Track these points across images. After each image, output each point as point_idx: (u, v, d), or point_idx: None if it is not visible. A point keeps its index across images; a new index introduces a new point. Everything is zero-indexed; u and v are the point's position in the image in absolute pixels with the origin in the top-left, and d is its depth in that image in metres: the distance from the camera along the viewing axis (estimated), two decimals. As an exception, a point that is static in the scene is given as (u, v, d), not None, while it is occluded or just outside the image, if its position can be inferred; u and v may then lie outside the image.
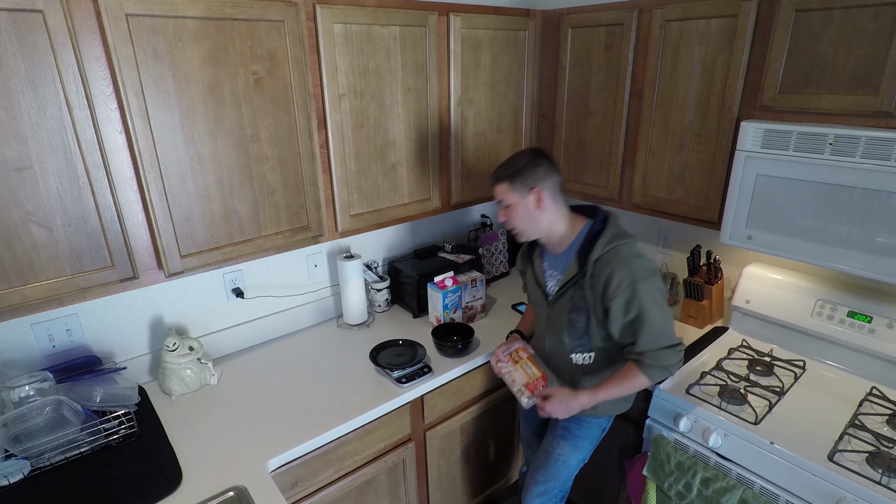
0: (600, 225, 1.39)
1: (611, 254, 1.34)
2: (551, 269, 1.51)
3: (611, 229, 1.38)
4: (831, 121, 1.40)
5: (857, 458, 1.34)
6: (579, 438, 1.58)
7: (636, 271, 1.31)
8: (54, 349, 1.50)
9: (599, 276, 1.34)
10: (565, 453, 1.60)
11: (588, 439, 1.59)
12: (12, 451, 1.26)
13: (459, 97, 1.85)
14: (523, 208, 1.39)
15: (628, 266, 1.31)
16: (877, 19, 1.26)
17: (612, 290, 1.32)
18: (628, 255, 1.34)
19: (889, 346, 1.58)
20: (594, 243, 1.36)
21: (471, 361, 1.81)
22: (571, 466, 1.62)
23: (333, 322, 2.09)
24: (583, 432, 1.58)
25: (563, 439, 1.60)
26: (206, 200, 1.37)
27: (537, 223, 1.41)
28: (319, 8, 1.43)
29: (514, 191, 1.38)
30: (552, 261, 1.50)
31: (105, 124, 1.19)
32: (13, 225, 1.12)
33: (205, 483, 1.28)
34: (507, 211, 1.42)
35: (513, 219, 1.42)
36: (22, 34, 1.04)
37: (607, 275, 1.33)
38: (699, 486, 1.52)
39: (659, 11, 1.65)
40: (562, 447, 1.61)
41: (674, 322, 1.38)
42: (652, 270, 1.34)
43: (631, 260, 1.33)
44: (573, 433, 1.59)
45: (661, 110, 1.74)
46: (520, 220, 1.41)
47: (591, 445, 1.62)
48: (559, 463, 1.62)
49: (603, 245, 1.35)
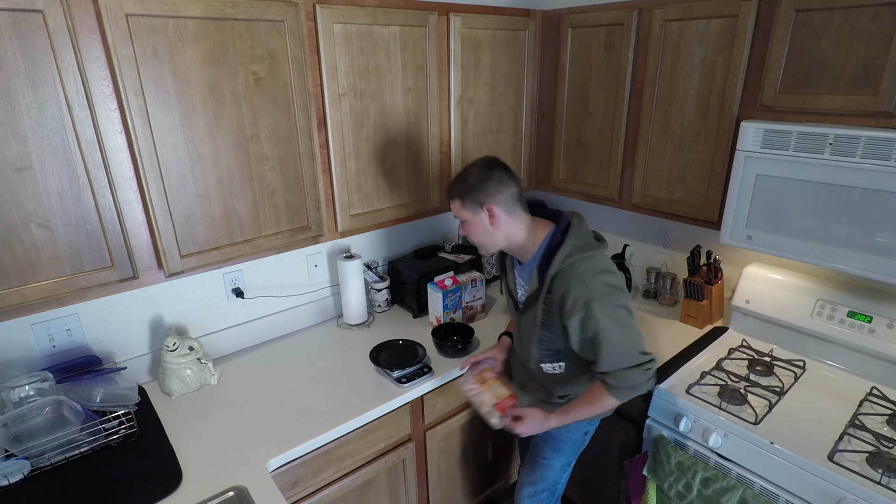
0: (559, 237, 1.32)
1: (568, 270, 1.27)
2: (520, 279, 1.47)
3: (570, 241, 1.30)
4: (831, 121, 1.40)
5: (857, 458, 1.34)
6: (560, 442, 1.59)
7: (592, 289, 1.23)
8: (54, 349, 1.50)
9: (556, 293, 1.29)
10: (548, 457, 1.61)
11: (569, 442, 1.59)
12: (12, 451, 1.26)
13: (459, 97, 1.85)
14: (478, 224, 1.35)
15: (584, 284, 1.24)
16: (877, 19, 1.26)
17: (567, 310, 1.27)
18: (586, 271, 1.25)
19: (889, 346, 1.58)
20: (552, 257, 1.30)
21: (471, 361, 1.81)
22: (556, 469, 1.63)
23: (333, 322, 2.09)
24: (563, 436, 1.58)
25: (544, 443, 1.62)
26: (206, 200, 1.37)
27: (493, 238, 1.37)
28: (319, 8, 1.43)
29: (466, 208, 1.34)
30: (521, 270, 1.46)
31: (105, 124, 1.19)
32: (13, 225, 1.12)
33: (205, 483, 1.28)
34: (464, 226, 1.39)
35: (470, 234, 1.39)
36: (22, 34, 1.04)
37: (562, 292, 1.27)
38: (699, 486, 1.52)
39: (659, 11, 1.65)
40: (544, 451, 1.62)
41: (641, 339, 1.29)
42: (612, 287, 1.26)
43: (587, 277, 1.24)
44: (553, 437, 1.59)
45: (661, 110, 1.74)
46: (477, 236, 1.38)
47: (575, 448, 1.61)
48: (543, 466, 1.63)
49: (560, 261, 1.28)
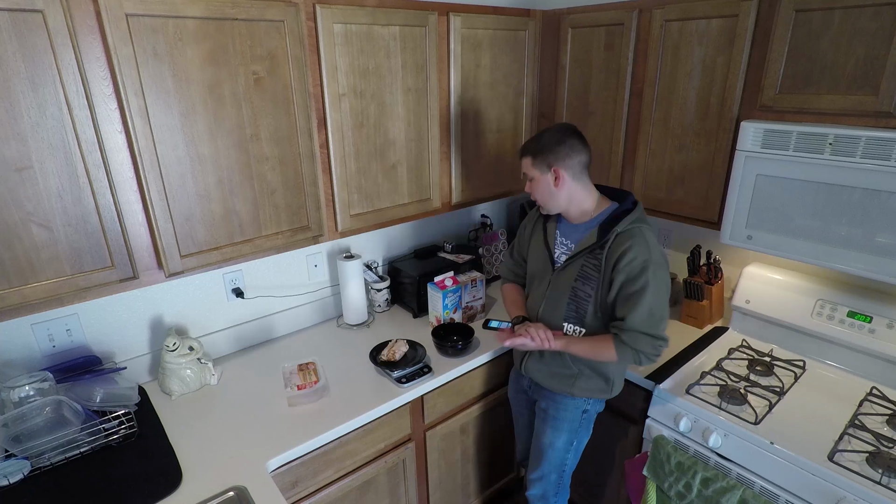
0: (629, 206, 1.45)
1: (635, 230, 1.39)
2: (563, 238, 1.54)
3: (639, 212, 1.43)
4: (831, 121, 1.40)
5: (857, 458, 1.34)
6: (558, 420, 1.60)
7: (653, 253, 1.37)
8: (54, 349, 1.50)
9: (617, 247, 1.38)
10: (548, 436, 1.63)
11: (567, 420, 1.60)
12: (12, 451, 1.26)
13: (459, 97, 1.85)
14: (544, 184, 1.46)
15: (647, 246, 1.37)
16: (877, 19, 1.26)
17: (623, 262, 1.37)
18: (650, 237, 1.40)
19: (889, 346, 1.58)
20: (620, 219, 1.41)
21: (471, 361, 1.81)
22: (559, 449, 1.63)
23: (333, 322, 2.09)
24: (560, 413, 1.60)
25: (543, 422, 1.64)
26: (206, 200, 1.37)
27: (556, 199, 1.47)
28: (319, 8, 1.43)
29: (535, 167, 1.45)
30: (567, 229, 1.54)
31: (105, 124, 1.19)
32: (13, 225, 1.12)
33: (205, 483, 1.28)
34: (531, 184, 1.49)
35: (535, 192, 1.49)
36: (22, 34, 1.04)
37: (625, 247, 1.37)
38: (699, 486, 1.52)
39: (659, 11, 1.65)
40: (545, 432, 1.64)
41: (667, 321, 1.40)
42: (666, 262, 1.42)
43: (652, 244, 1.38)
44: (551, 415, 1.61)
45: (661, 110, 1.74)
46: (539, 194, 1.48)
47: (573, 427, 1.61)
48: (546, 447, 1.64)
49: (630, 221, 1.40)
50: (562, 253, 1.54)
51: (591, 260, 1.44)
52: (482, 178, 2.04)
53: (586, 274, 1.45)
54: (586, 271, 1.45)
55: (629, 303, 1.37)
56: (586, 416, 1.61)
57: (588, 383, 1.55)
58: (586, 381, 1.54)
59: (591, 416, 1.63)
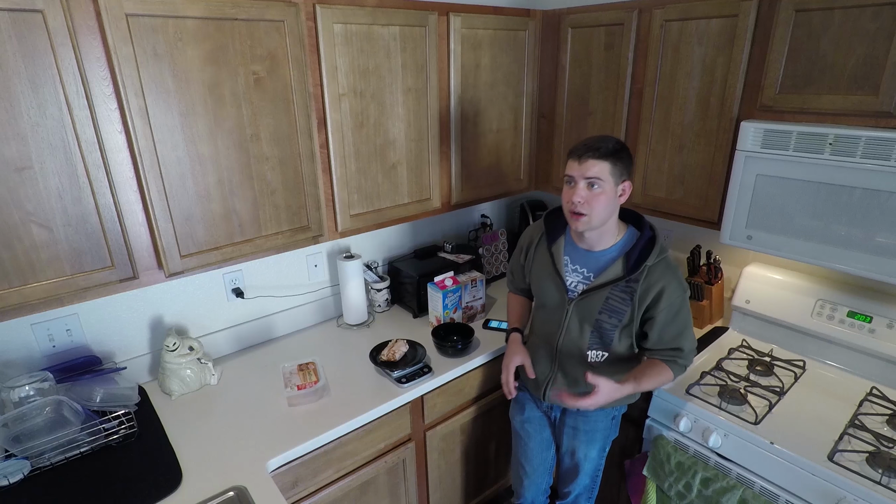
0: (649, 233, 1.40)
1: (663, 264, 1.37)
2: (576, 265, 1.45)
3: (661, 240, 1.40)
4: (831, 121, 1.40)
5: (857, 458, 1.34)
6: (592, 433, 1.58)
7: (683, 284, 1.40)
8: (54, 349, 1.50)
9: (651, 285, 1.36)
10: (582, 450, 1.61)
11: (601, 430, 1.59)
12: (12, 451, 1.26)
13: (459, 97, 1.85)
14: (610, 194, 1.31)
15: (678, 279, 1.38)
16: (877, 19, 1.26)
17: (664, 303, 1.36)
18: (674, 267, 1.40)
19: (889, 346, 1.58)
20: (647, 250, 1.37)
21: (471, 361, 1.81)
22: (594, 459, 1.63)
23: (333, 322, 2.09)
24: (592, 426, 1.58)
25: (574, 439, 1.61)
26: (206, 200, 1.37)
27: (611, 211, 1.34)
28: (319, 8, 1.43)
29: (613, 174, 1.30)
30: (577, 256, 1.45)
31: (105, 124, 1.19)
32: (13, 225, 1.12)
33: (205, 483, 1.28)
34: (593, 192, 1.30)
35: (595, 201, 1.30)
36: (22, 34, 1.04)
37: (662, 286, 1.35)
38: (699, 486, 1.52)
39: (659, 11, 1.65)
40: (578, 447, 1.61)
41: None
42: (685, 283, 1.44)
43: (678, 272, 1.40)
44: (583, 430, 1.58)
45: (661, 110, 1.74)
46: (601, 207, 1.31)
47: (606, 434, 1.60)
48: (582, 461, 1.62)
49: (657, 254, 1.37)
50: (578, 282, 1.45)
51: (620, 294, 1.38)
52: (482, 177, 2.04)
53: (613, 307, 1.39)
54: (613, 304, 1.39)
55: (680, 336, 1.40)
56: (615, 421, 1.61)
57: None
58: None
59: (618, 420, 1.63)
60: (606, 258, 1.41)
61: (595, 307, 1.41)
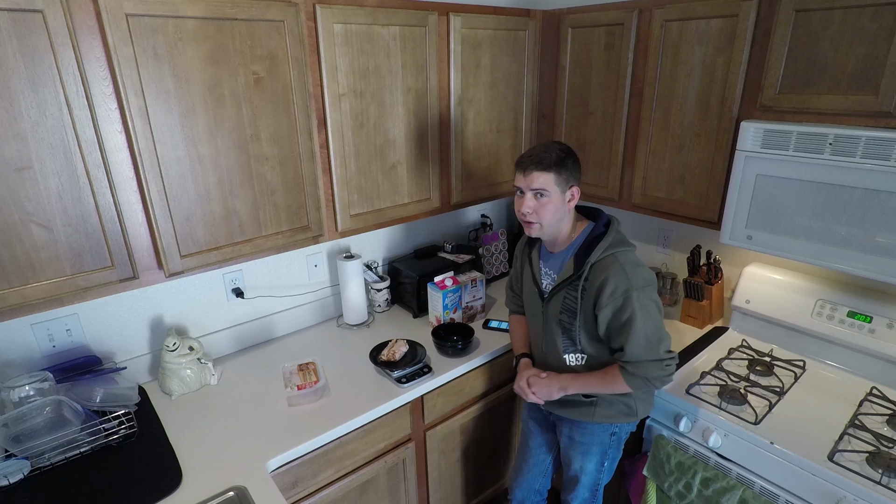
0: (602, 229, 1.39)
1: (609, 259, 1.34)
2: (547, 268, 1.50)
3: (612, 235, 1.37)
4: (831, 121, 1.40)
5: (857, 458, 1.34)
6: (585, 445, 1.56)
7: (632, 279, 1.30)
8: (54, 349, 1.50)
9: (594, 280, 1.34)
10: (578, 462, 1.59)
11: (596, 444, 1.55)
12: (12, 451, 1.26)
13: (459, 97, 1.85)
14: (558, 202, 1.35)
15: (625, 273, 1.31)
16: (877, 19, 1.26)
17: (605, 297, 1.32)
18: (626, 262, 1.33)
19: (889, 346, 1.58)
20: (593, 246, 1.36)
21: (471, 361, 1.81)
22: (591, 472, 1.59)
23: (333, 322, 2.09)
24: (587, 439, 1.55)
25: (570, 449, 1.60)
26: (206, 200, 1.37)
27: (561, 218, 1.39)
28: (319, 8, 1.43)
29: (558, 183, 1.33)
30: (548, 259, 1.50)
31: (105, 124, 1.19)
32: (13, 225, 1.12)
33: (205, 483, 1.28)
34: (540, 201, 1.35)
35: (542, 210, 1.35)
36: (22, 34, 1.04)
37: (602, 280, 1.32)
38: (699, 486, 1.52)
39: (659, 11, 1.65)
40: (574, 458, 1.60)
41: (668, 337, 1.36)
42: (648, 281, 1.33)
43: (628, 267, 1.32)
44: (577, 441, 1.57)
45: (661, 110, 1.74)
46: (548, 213, 1.35)
47: (603, 449, 1.56)
48: (578, 473, 1.60)
49: (602, 250, 1.34)
50: (548, 284, 1.49)
51: (572, 292, 1.39)
52: (482, 177, 2.04)
53: (568, 306, 1.41)
54: (568, 303, 1.41)
55: (623, 334, 1.32)
56: (615, 437, 1.56)
57: (609, 410, 1.49)
58: (606, 409, 1.49)
59: (620, 437, 1.57)
60: (564, 258, 1.45)
61: (557, 308, 1.45)
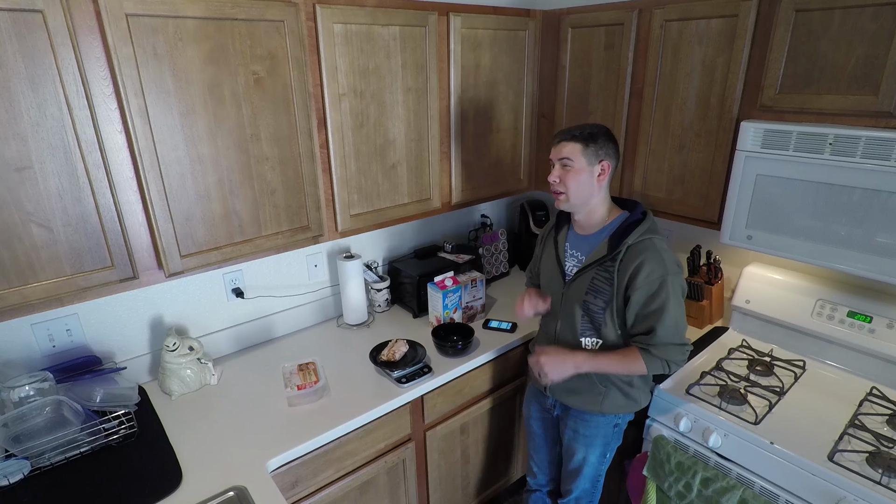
0: (639, 216, 1.43)
1: (646, 243, 1.38)
2: (573, 250, 1.52)
3: (648, 222, 1.42)
4: (831, 121, 1.40)
5: (857, 458, 1.34)
6: (590, 437, 1.58)
7: (668, 265, 1.36)
8: (54, 349, 1.50)
9: (630, 262, 1.37)
10: (581, 453, 1.61)
11: (600, 436, 1.58)
12: (12, 451, 1.26)
13: (459, 97, 1.85)
14: (585, 174, 1.39)
15: (661, 258, 1.36)
16: (877, 19, 1.26)
17: (640, 280, 1.36)
18: (662, 248, 1.38)
19: (889, 346, 1.58)
20: (629, 231, 1.39)
21: (471, 361, 1.81)
22: (593, 464, 1.62)
23: (333, 322, 2.09)
24: (591, 431, 1.57)
25: (574, 441, 1.61)
26: (206, 200, 1.37)
27: (590, 195, 1.42)
28: (319, 8, 1.43)
29: (585, 155, 1.38)
30: (576, 241, 1.52)
31: (105, 124, 1.19)
32: (13, 225, 1.12)
33: (205, 483, 1.28)
34: (566, 172, 1.39)
35: (569, 180, 1.39)
36: (22, 34, 1.04)
37: (639, 262, 1.36)
38: (699, 486, 1.52)
39: (659, 11, 1.65)
40: (577, 450, 1.61)
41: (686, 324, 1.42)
42: (680, 267, 1.40)
43: (664, 253, 1.37)
44: (582, 433, 1.58)
45: (661, 110, 1.74)
46: (575, 185, 1.39)
47: (606, 440, 1.59)
48: (581, 464, 1.62)
49: (641, 233, 1.38)
50: (573, 266, 1.51)
51: (602, 273, 1.41)
52: (482, 178, 2.04)
53: (597, 287, 1.43)
54: (597, 284, 1.43)
55: (653, 317, 1.36)
56: (617, 428, 1.60)
57: (616, 401, 1.53)
58: (614, 399, 1.52)
59: (621, 428, 1.61)
60: (596, 240, 1.46)
61: (583, 289, 1.46)
